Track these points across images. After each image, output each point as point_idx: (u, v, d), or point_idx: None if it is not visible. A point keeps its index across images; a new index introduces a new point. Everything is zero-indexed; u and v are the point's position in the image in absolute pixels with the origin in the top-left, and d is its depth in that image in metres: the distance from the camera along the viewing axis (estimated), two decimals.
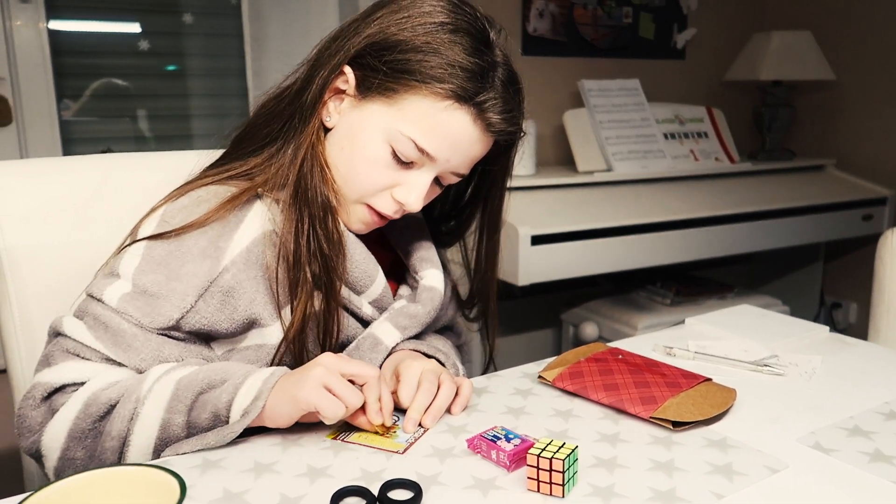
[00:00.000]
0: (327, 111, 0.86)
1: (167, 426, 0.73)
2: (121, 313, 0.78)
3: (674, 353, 0.97)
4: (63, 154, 2.09)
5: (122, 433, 0.73)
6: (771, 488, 0.66)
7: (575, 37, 2.60)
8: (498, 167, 0.92)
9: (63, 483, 0.49)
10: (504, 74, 0.83)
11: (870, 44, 2.71)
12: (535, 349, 2.70)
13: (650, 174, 2.33)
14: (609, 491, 0.65)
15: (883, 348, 1.01)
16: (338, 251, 0.84)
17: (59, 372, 0.76)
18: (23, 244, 0.93)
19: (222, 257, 0.80)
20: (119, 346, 0.78)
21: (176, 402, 0.73)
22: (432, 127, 0.81)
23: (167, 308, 0.78)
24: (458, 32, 0.80)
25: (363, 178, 0.84)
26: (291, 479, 0.67)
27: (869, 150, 2.75)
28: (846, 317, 2.91)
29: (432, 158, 0.82)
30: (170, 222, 0.82)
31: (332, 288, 0.83)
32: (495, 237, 0.97)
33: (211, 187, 0.85)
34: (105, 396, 0.75)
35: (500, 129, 0.83)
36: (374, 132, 0.83)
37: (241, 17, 2.28)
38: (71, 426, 0.74)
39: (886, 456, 0.71)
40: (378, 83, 0.81)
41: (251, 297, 0.81)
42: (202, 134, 2.32)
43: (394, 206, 0.86)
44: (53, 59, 2.04)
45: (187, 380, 0.74)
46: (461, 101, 0.80)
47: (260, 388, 0.72)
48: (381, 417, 0.74)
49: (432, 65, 0.79)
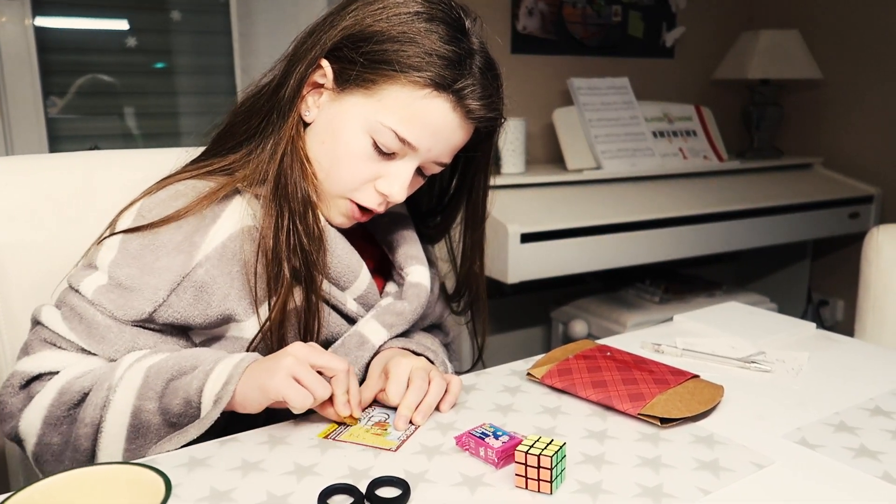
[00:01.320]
0: (306, 106, 0.85)
1: (138, 413, 0.74)
2: (95, 305, 0.79)
3: (662, 350, 0.97)
4: (49, 152, 2.08)
5: (95, 420, 0.75)
6: (757, 484, 0.66)
7: (564, 35, 2.61)
8: (480, 153, 0.92)
9: (46, 482, 0.49)
10: (481, 61, 0.83)
11: (857, 43, 2.73)
12: (524, 347, 2.70)
13: (639, 172, 2.34)
14: (597, 487, 0.65)
15: (869, 345, 1.02)
16: (318, 246, 0.84)
17: (37, 361, 0.79)
18: (8, 241, 0.92)
19: (196, 252, 0.81)
20: (93, 338, 0.79)
21: (146, 388, 0.74)
22: (412, 116, 0.81)
23: (139, 301, 0.79)
24: (434, 21, 0.80)
25: (345, 171, 0.84)
26: (278, 478, 0.67)
27: (856, 148, 2.78)
28: (833, 314, 2.93)
29: (413, 148, 0.82)
30: (146, 216, 0.82)
31: (313, 282, 0.83)
32: (481, 228, 0.97)
33: (189, 181, 0.85)
34: (78, 385, 0.76)
35: (480, 116, 0.83)
36: (354, 124, 0.82)
37: (229, 15, 2.27)
38: (46, 413, 0.76)
39: (871, 451, 0.71)
40: (356, 75, 0.81)
41: (225, 292, 0.81)
42: (190, 131, 2.31)
43: (377, 199, 0.86)
44: (40, 57, 2.02)
45: (157, 367, 0.75)
46: (440, 89, 0.80)
47: (230, 373, 0.73)
48: (349, 409, 0.75)
49: (409, 54, 0.79)
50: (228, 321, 0.83)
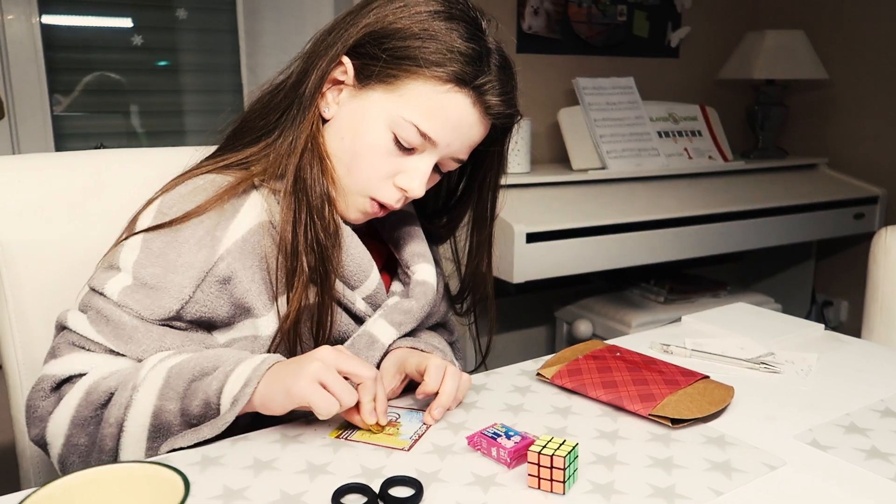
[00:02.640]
0: (325, 102, 0.86)
1: (159, 413, 0.74)
2: (122, 306, 0.79)
3: (671, 351, 0.97)
4: (55, 150, 2.08)
5: (119, 419, 0.75)
6: (769, 485, 0.66)
7: (570, 34, 2.61)
8: (495, 150, 0.93)
9: (65, 480, 0.49)
10: (499, 59, 0.85)
11: (862, 43, 2.72)
12: (529, 346, 2.70)
13: (644, 172, 2.34)
14: (609, 488, 0.65)
15: (878, 346, 1.02)
16: (334, 242, 0.84)
17: (66, 363, 0.79)
18: (18, 239, 0.92)
19: (218, 246, 0.81)
20: (121, 339, 0.79)
21: (167, 389, 0.74)
22: (433, 111, 0.82)
23: (166, 300, 0.79)
24: (454, 20, 0.82)
25: (366, 166, 0.85)
26: (291, 476, 0.67)
27: (861, 149, 2.77)
28: (837, 315, 2.92)
29: (434, 143, 0.83)
30: (167, 213, 0.82)
31: (327, 280, 0.84)
32: (489, 228, 0.98)
33: (208, 175, 0.85)
34: (105, 385, 0.76)
35: (499, 112, 0.85)
36: (375, 119, 0.83)
37: (235, 13, 2.27)
38: (74, 413, 0.76)
39: (883, 453, 0.71)
40: (378, 71, 0.82)
41: (246, 286, 0.81)
42: (195, 130, 2.31)
43: (396, 195, 0.86)
44: (46, 54, 2.02)
45: (178, 367, 0.75)
46: (461, 85, 0.81)
47: (249, 376, 0.73)
48: (375, 417, 0.74)
49: (431, 50, 0.80)
50: (248, 315, 0.83)
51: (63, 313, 0.82)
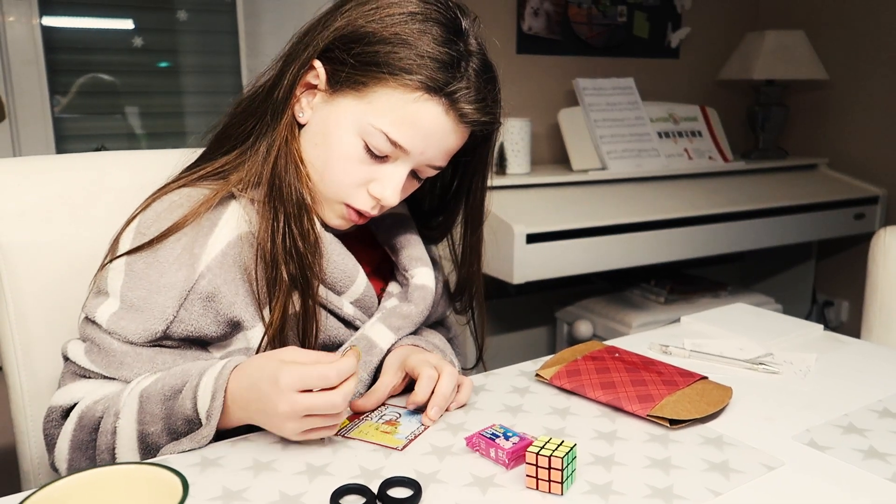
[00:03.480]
0: (300, 107, 0.84)
1: (144, 437, 0.75)
2: (111, 333, 0.79)
3: (669, 352, 0.97)
4: (56, 151, 2.08)
5: (110, 446, 0.76)
6: (767, 485, 0.66)
7: (570, 35, 2.61)
8: (477, 158, 0.91)
9: (65, 481, 0.49)
10: (477, 64, 0.81)
11: (862, 43, 2.72)
12: (529, 347, 2.70)
13: (644, 173, 2.34)
14: (607, 488, 0.65)
15: (876, 346, 1.02)
16: (314, 250, 0.83)
17: (69, 392, 0.81)
18: (18, 241, 0.92)
19: (197, 264, 0.80)
20: (112, 366, 0.80)
21: (143, 414, 0.74)
22: (403, 119, 0.79)
23: (151, 322, 0.79)
24: (428, 22, 0.79)
25: (338, 174, 0.83)
26: (291, 477, 0.67)
27: (861, 149, 2.77)
28: (838, 315, 2.92)
29: (406, 151, 0.81)
30: (145, 233, 0.81)
31: (310, 287, 0.82)
32: (479, 230, 0.97)
33: (183, 190, 0.84)
34: (93, 410, 0.78)
35: (474, 119, 0.82)
36: (345, 127, 0.82)
37: (235, 14, 2.27)
38: (71, 438, 0.78)
39: (880, 453, 0.72)
40: (347, 77, 0.80)
41: (231, 300, 0.81)
42: (196, 131, 2.31)
43: (371, 202, 0.85)
44: (46, 56, 2.03)
45: (148, 391, 0.75)
46: (431, 92, 0.79)
47: (214, 388, 0.72)
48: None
49: (401, 56, 0.78)
50: (238, 329, 0.83)
51: (65, 344, 0.83)
